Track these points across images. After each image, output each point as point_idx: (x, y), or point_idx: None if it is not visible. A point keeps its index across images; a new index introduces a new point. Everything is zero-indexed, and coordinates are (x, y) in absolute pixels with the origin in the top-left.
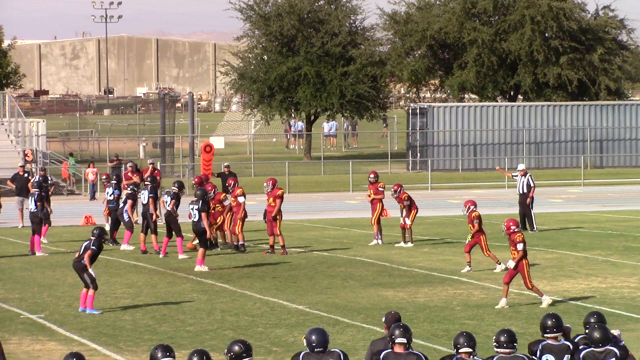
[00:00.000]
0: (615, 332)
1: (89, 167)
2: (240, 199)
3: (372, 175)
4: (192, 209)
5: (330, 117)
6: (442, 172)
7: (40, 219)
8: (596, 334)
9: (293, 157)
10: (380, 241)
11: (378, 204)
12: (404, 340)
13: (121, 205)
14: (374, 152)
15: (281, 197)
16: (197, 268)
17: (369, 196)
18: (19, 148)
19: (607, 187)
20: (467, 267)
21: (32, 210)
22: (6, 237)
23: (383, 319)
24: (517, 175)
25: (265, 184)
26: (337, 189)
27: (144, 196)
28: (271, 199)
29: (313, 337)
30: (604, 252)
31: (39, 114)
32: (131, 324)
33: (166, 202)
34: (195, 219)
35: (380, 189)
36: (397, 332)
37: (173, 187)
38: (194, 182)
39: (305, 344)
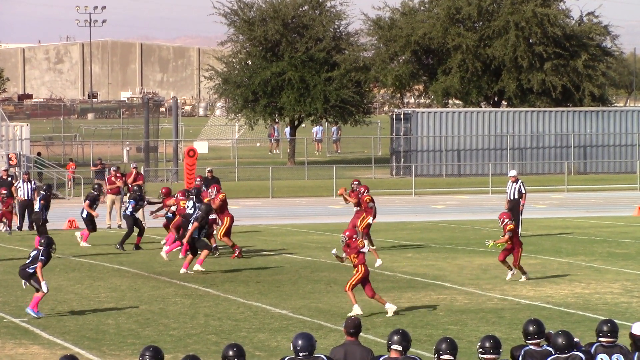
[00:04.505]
0: (575, 338)
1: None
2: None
3: (355, 183)
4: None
5: (314, 122)
6: (426, 177)
7: (45, 220)
8: (560, 340)
9: (277, 161)
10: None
11: (363, 213)
12: (400, 348)
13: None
14: (357, 158)
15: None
16: (196, 267)
17: (348, 201)
18: (3, 152)
19: (591, 193)
20: (509, 273)
21: (36, 210)
22: None
23: (343, 325)
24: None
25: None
26: (321, 193)
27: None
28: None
29: (299, 342)
30: (588, 258)
31: (23, 118)
32: (114, 328)
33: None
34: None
35: (370, 204)
36: (395, 337)
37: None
38: (161, 192)
39: (291, 348)
